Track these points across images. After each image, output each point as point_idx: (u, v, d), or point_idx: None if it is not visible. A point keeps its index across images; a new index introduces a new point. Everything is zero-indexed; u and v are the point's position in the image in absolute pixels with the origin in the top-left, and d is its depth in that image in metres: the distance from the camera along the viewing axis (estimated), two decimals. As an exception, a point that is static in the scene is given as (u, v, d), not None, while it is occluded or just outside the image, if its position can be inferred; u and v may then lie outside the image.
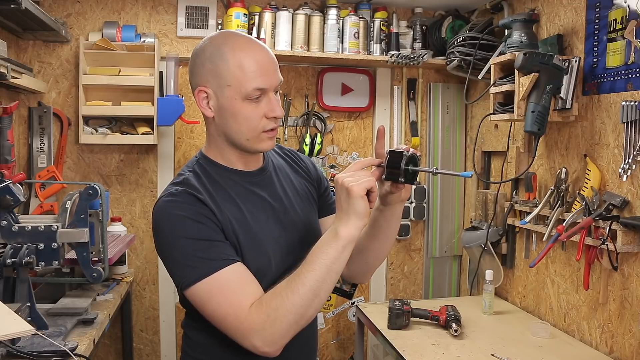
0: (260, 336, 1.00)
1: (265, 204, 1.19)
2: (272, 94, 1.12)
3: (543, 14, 2.18)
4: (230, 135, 1.13)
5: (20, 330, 1.13)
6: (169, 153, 2.57)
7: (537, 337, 1.98)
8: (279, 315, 0.99)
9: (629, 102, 1.68)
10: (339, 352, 2.86)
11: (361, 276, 1.35)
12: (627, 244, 1.69)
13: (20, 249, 1.50)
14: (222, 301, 1.02)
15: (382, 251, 1.26)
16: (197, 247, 1.04)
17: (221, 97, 1.10)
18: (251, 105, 1.10)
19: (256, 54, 1.10)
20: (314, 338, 1.33)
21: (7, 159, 2.10)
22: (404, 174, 1.05)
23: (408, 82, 2.81)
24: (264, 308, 1.00)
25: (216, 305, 1.03)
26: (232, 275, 1.04)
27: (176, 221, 1.06)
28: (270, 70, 1.11)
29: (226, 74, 1.09)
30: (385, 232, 1.21)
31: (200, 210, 1.08)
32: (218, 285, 1.02)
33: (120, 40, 2.39)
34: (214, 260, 1.03)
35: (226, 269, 1.03)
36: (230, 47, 1.09)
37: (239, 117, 1.10)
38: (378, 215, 1.19)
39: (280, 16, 2.49)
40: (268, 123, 1.12)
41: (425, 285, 2.93)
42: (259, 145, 1.14)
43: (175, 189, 1.11)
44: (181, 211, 1.07)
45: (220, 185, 1.15)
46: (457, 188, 2.90)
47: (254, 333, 1.00)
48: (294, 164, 1.34)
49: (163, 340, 2.62)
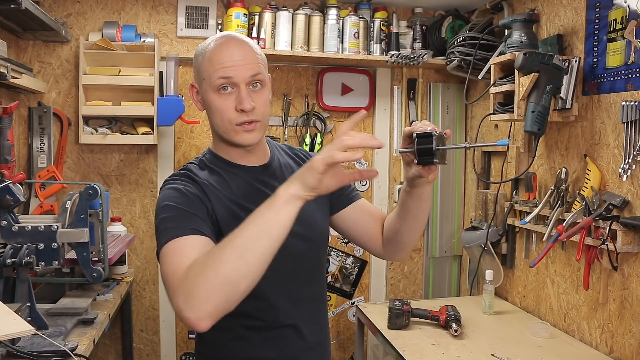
0: (182, 295, 0.92)
1: (266, 199, 1.19)
2: (243, 87, 1.12)
3: (543, 14, 2.18)
4: (213, 127, 1.20)
5: (20, 330, 1.13)
6: (169, 153, 2.57)
7: (537, 337, 1.98)
8: (202, 271, 0.92)
9: (629, 102, 1.68)
10: (339, 352, 2.86)
11: (398, 255, 1.32)
12: (627, 244, 1.69)
13: (20, 249, 1.50)
14: (170, 261, 1.01)
15: (415, 231, 1.24)
16: (175, 214, 1.07)
17: (202, 91, 1.18)
18: (221, 97, 1.13)
19: (229, 48, 1.14)
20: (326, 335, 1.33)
21: (7, 159, 2.10)
22: (437, 156, 1.00)
23: (408, 82, 2.81)
24: (192, 265, 0.95)
25: (165, 264, 1.01)
26: (191, 241, 1.03)
27: (168, 192, 1.13)
28: (239, 62, 1.12)
29: (202, 68, 1.16)
30: (415, 212, 1.19)
31: (191, 188, 1.13)
32: (175, 247, 1.02)
33: (120, 40, 2.39)
34: (184, 228, 1.04)
35: (189, 236, 1.03)
36: (209, 45, 1.16)
37: (213, 109, 1.16)
38: (406, 197, 1.17)
39: (280, 16, 2.49)
40: (238, 116, 1.13)
41: (425, 285, 2.93)
42: (235, 137, 1.16)
43: (178, 172, 1.21)
44: (176, 185, 1.14)
45: (223, 178, 1.19)
46: (457, 188, 2.90)
47: (178, 290, 0.94)
48: (303, 162, 1.33)
49: (163, 340, 2.62)
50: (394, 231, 1.24)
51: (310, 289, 1.25)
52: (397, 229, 1.23)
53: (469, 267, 2.79)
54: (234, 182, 1.18)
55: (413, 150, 1.03)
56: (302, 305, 1.22)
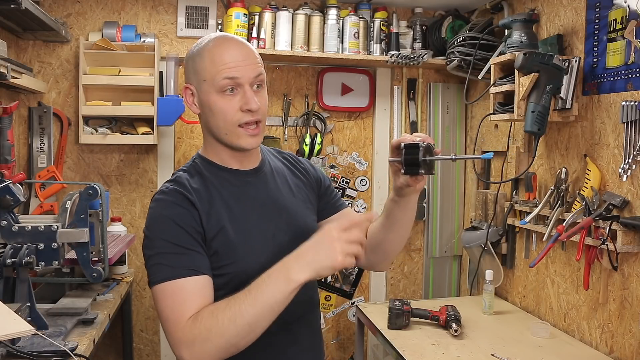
0: (189, 350, 1.00)
1: (258, 203, 1.20)
2: (247, 87, 1.13)
3: (543, 14, 2.18)
4: (212, 130, 1.17)
5: (20, 330, 1.13)
6: (169, 153, 2.57)
7: (537, 337, 1.98)
8: (210, 337, 0.99)
9: (629, 102, 1.68)
10: (339, 352, 2.86)
11: (380, 265, 1.35)
12: (627, 244, 1.69)
13: (20, 249, 1.50)
14: (168, 305, 1.04)
15: (400, 240, 1.27)
16: (169, 250, 1.07)
17: (200, 92, 1.15)
18: (225, 98, 1.12)
19: (229, 48, 1.13)
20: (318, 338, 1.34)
21: (7, 159, 2.10)
22: (423, 166, 1.04)
23: (408, 82, 2.81)
24: (198, 324, 1.01)
25: (163, 307, 1.05)
26: (189, 285, 1.05)
27: (160, 221, 1.10)
28: (242, 63, 1.12)
29: (202, 69, 1.13)
30: (401, 221, 1.21)
31: (185, 213, 1.10)
32: (172, 291, 1.05)
33: (120, 40, 2.39)
34: (180, 267, 1.06)
35: (186, 279, 1.05)
36: (207, 46, 1.15)
37: (215, 111, 1.13)
38: (393, 206, 1.19)
39: (280, 16, 2.49)
40: (243, 116, 1.13)
41: (425, 285, 2.93)
42: (237, 140, 1.15)
43: (166, 187, 1.15)
44: (167, 211, 1.10)
45: (213, 184, 1.17)
46: (457, 188, 2.90)
47: (184, 346, 1.01)
48: (293, 167, 1.34)
49: (163, 340, 2.62)
50: (378, 241, 1.25)
51: (303, 293, 1.25)
52: (381, 238, 1.25)
53: (469, 267, 2.79)
54: (224, 187, 1.18)
55: (401, 160, 1.07)
56: (295, 309, 1.22)
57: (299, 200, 1.28)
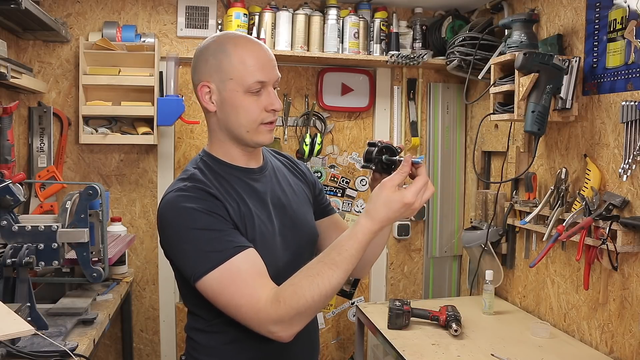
0: (281, 326, 1.02)
1: (266, 201, 1.22)
2: (271, 88, 1.17)
3: (543, 14, 2.18)
4: (231, 128, 1.18)
5: (20, 330, 1.13)
6: (169, 153, 2.57)
7: (537, 337, 1.98)
8: (300, 311, 1.01)
9: (629, 102, 1.68)
10: (339, 352, 2.86)
11: (361, 271, 1.39)
12: (627, 244, 1.69)
13: (20, 249, 1.50)
14: (234, 292, 1.03)
15: (378, 246, 1.31)
16: (208, 237, 1.06)
17: (223, 90, 1.15)
18: (251, 97, 1.15)
19: (256, 50, 1.17)
20: (316, 333, 1.36)
21: (7, 159, 2.10)
22: (374, 163, 1.17)
23: (408, 82, 2.81)
24: (282, 305, 1.01)
25: (229, 296, 1.04)
26: (243, 264, 1.05)
27: (187, 214, 1.08)
28: (269, 66, 1.17)
29: (229, 68, 1.14)
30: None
31: (211, 204, 1.10)
32: (229, 275, 1.04)
33: (120, 40, 2.39)
34: (225, 249, 1.05)
35: (237, 257, 1.05)
36: (232, 44, 1.16)
37: (240, 110, 1.15)
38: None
39: (280, 16, 2.49)
40: (267, 116, 1.17)
41: (425, 285, 2.93)
42: (258, 137, 1.18)
43: (184, 185, 1.13)
44: (191, 204, 1.09)
45: (226, 180, 1.18)
46: (457, 188, 2.90)
47: (272, 323, 1.02)
48: (290, 166, 1.38)
49: (163, 340, 2.62)
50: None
51: None
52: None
53: (469, 267, 2.79)
54: (236, 184, 1.19)
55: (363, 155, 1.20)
56: None
57: (299, 198, 1.31)
